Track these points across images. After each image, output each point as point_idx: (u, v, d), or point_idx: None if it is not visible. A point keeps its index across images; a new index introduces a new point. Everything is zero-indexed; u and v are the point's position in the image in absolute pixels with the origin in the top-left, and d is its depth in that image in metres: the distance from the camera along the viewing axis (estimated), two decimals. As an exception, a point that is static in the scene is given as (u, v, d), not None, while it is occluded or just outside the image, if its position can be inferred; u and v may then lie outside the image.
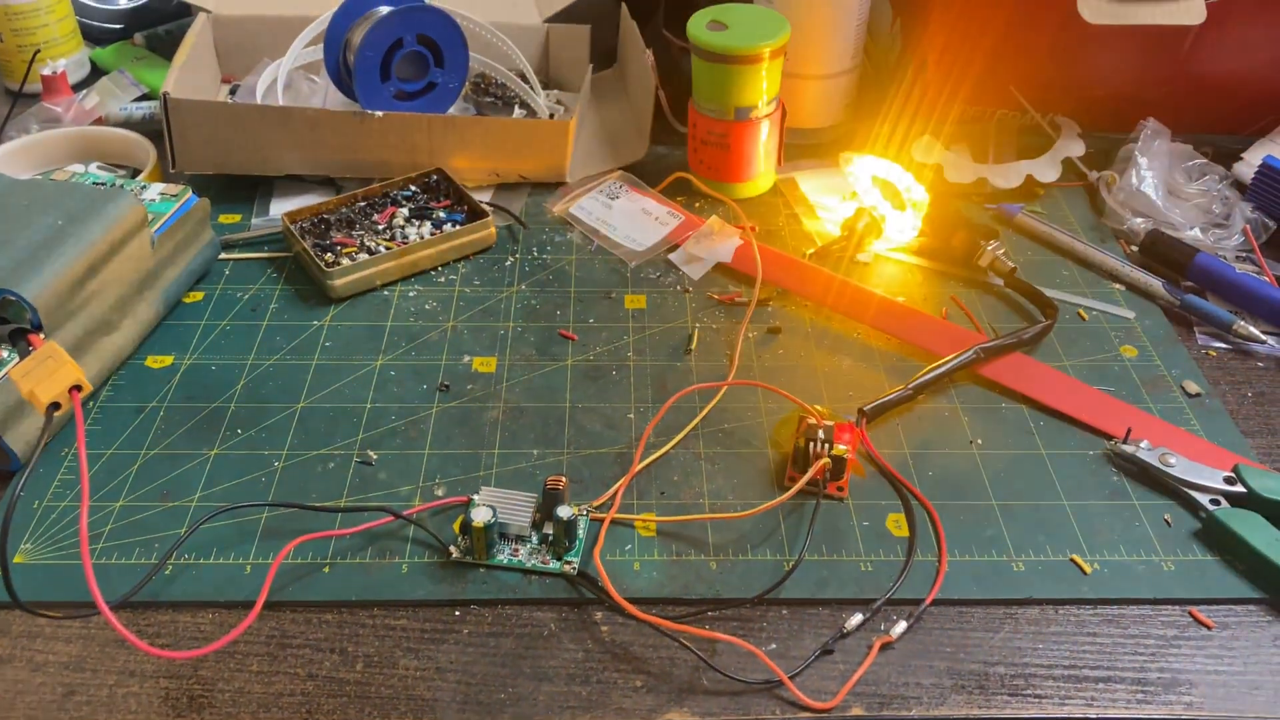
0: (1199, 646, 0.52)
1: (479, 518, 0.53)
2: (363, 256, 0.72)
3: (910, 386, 0.64)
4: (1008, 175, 0.82)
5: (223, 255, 0.76)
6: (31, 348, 0.51)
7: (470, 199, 0.78)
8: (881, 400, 0.63)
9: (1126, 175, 0.80)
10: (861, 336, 0.70)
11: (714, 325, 0.71)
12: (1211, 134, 0.87)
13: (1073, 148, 0.84)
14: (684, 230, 0.78)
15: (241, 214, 0.80)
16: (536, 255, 0.77)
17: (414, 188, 0.80)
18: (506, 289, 0.74)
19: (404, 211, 0.77)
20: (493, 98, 0.89)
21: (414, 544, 0.56)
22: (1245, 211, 0.78)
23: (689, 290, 0.74)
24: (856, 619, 0.52)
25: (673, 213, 0.80)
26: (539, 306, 0.72)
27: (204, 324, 0.70)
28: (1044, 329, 0.69)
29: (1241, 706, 0.49)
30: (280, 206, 0.80)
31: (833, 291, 0.73)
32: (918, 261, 0.77)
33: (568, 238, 0.79)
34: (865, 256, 0.77)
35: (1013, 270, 0.73)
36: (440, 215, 0.77)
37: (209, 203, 0.73)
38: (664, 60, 0.89)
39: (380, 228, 0.76)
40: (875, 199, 0.78)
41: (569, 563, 0.54)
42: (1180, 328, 0.72)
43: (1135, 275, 0.75)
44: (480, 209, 0.77)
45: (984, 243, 0.74)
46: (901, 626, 0.52)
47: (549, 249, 0.78)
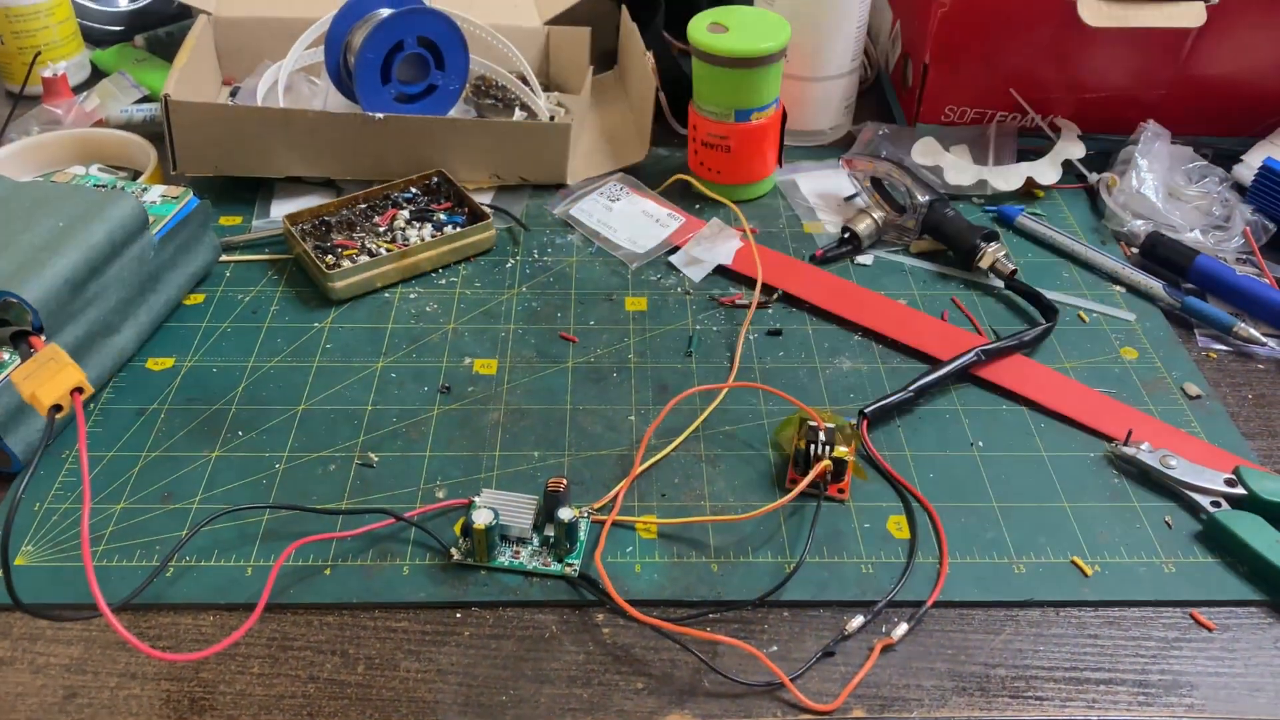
0: (1200, 648, 0.52)
1: (480, 520, 0.53)
2: (363, 259, 0.72)
3: (911, 388, 0.64)
4: (1008, 177, 0.82)
5: (223, 257, 0.76)
6: (33, 350, 0.51)
7: (471, 201, 0.78)
8: (882, 402, 0.63)
9: (1126, 177, 0.80)
10: (862, 338, 0.70)
11: (714, 327, 0.71)
12: (1211, 136, 0.87)
13: (1073, 150, 0.84)
14: (685, 232, 0.78)
15: (242, 216, 0.80)
16: (537, 257, 0.77)
17: (415, 190, 0.80)
18: (507, 291, 0.74)
19: (405, 214, 0.77)
20: (493, 100, 0.89)
21: (415, 546, 0.56)
22: (1245, 213, 0.78)
23: (690, 292, 0.74)
24: (858, 621, 0.52)
25: (673, 215, 0.80)
26: (540, 309, 0.72)
27: (205, 326, 0.70)
28: (1044, 331, 0.69)
29: (1242, 708, 0.49)
30: (281, 208, 0.80)
31: (833, 293, 0.73)
32: (918, 264, 0.77)
33: (568, 240, 0.79)
34: (866, 259, 0.77)
35: (1013, 272, 0.73)
36: (441, 217, 0.77)
37: (210, 205, 0.73)
38: (664, 62, 0.90)
39: (381, 230, 0.76)
40: (875, 201, 0.78)
41: (570, 565, 0.54)
42: (1181, 330, 0.72)
43: (1136, 277, 0.75)
44: (481, 211, 0.77)
45: (984, 245, 0.74)
46: (903, 628, 0.52)
47: (550, 251, 0.78)
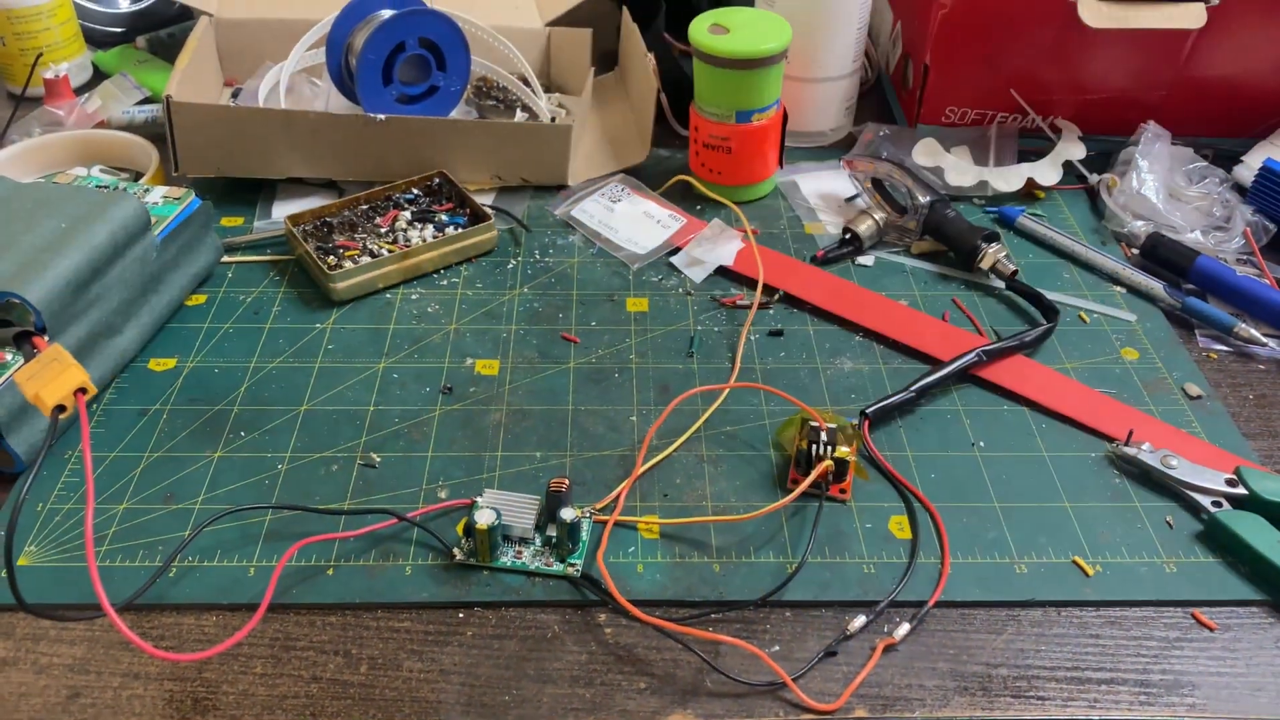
0: (1201, 648, 0.52)
1: (482, 520, 0.53)
2: (365, 259, 0.73)
3: (912, 389, 0.64)
4: (1008, 178, 0.82)
5: (225, 258, 0.76)
6: (36, 350, 0.51)
7: (472, 202, 0.78)
8: (883, 402, 0.63)
9: (1127, 178, 0.80)
10: (863, 339, 0.70)
11: (716, 328, 0.71)
12: (1212, 137, 0.87)
13: (1073, 151, 0.84)
14: (686, 233, 0.78)
15: (244, 217, 0.80)
16: (539, 258, 0.77)
17: (416, 191, 0.80)
18: (509, 292, 0.74)
19: (406, 214, 0.77)
20: (494, 101, 0.89)
21: (417, 546, 0.56)
22: (1246, 214, 0.78)
23: (691, 293, 0.74)
24: (860, 621, 0.52)
25: (675, 216, 0.80)
26: (541, 309, 0.72)
27: (207, 327, 0.70)
28: (1045, 331, 0.69)
29: (1244, 708, 0.49)
30: (283, 209, 0.81)
31: (834, 294, 0.73)
32: (919, 264, 0.77)
33: (570, 241, 0.79)
34: (867, 259, 0.77)
35: (1014, 273, 0.73)
36: (442, 218, 0.77)
37: (212, 206, 0.73)
38: (665, 63, 0.90)
39: (383, 231, 0.76)
40: (876, 202, 0.78)
41: (572, 565, 0.54)
42: (1181, 330, 0.72)
43: (1136, 278, 0.75)
44: (482, 212, 0.77)
45: (985, 245, 0.74)
46: (904, 628, 0.52)
47: (551, 252, 0.78)
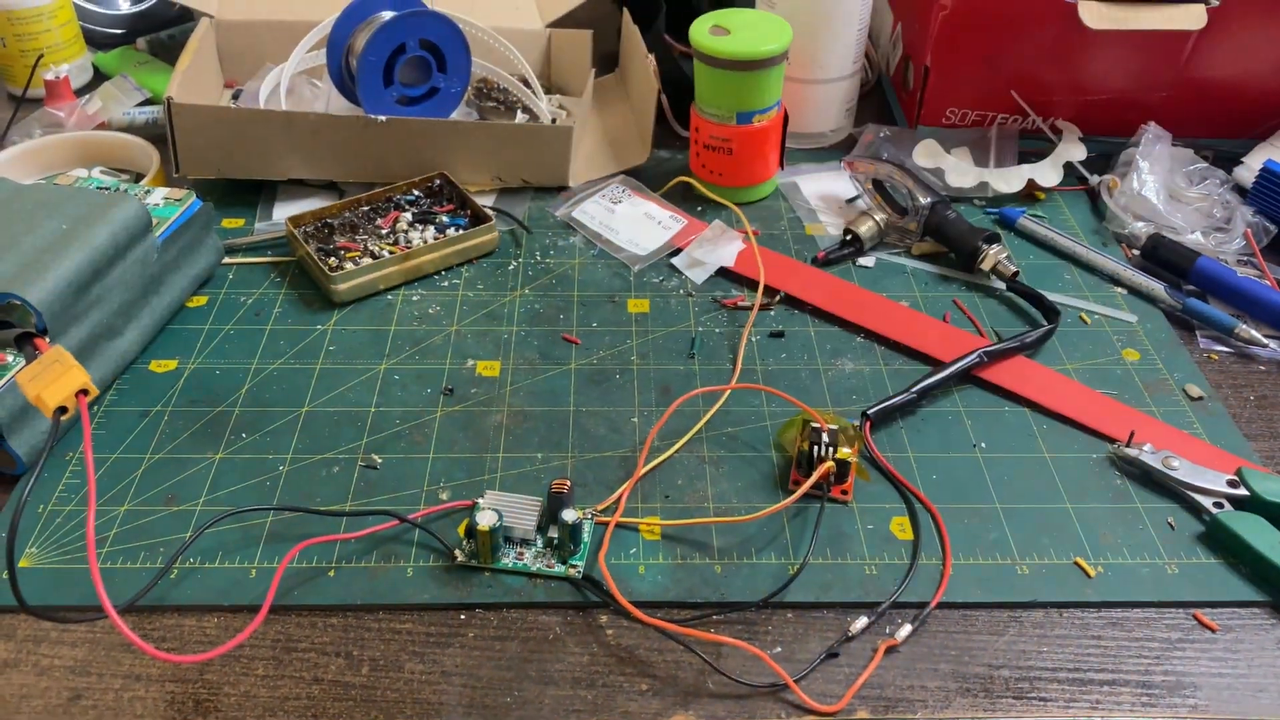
0: (1203, 649, 0.52)
1: (484, 521, 0.53)
2: (366, 261, 0.73)
3: (913, 390, 0.64)
4: (1009, 179, 0.82)
5: (226, 260, 0.76)
6: (37, 352, 0.51)
7: (473, 203, 0.78)
8: (885, 404, 0.63)
9: (1128, 179, 0.80)
10: (864, 340, 0.70)
11: (717, 329, 0.71)
12: (1212, 138, 0.87)
13: (1074, 152, 0.84)
14: (687, 234, 0.78)
15: (245, 218, 0.80)
16: (539, 259, 0.77)
17: (417, 192, 0.80)
18: (510, 293, 0.74)
19: (407, 216, 0.77)
20: (495, 102, 0.89)
21: (419, 548, 0.56)
22: (1246, 215, 0.78)
23: (692, 294, 0.74)
24: (861, 622, 0.52)
25: (675, 217, 0.80)
26: (542, 310, 0.72)
27: (208, 328, 0.70)
28: (1046, 333, 0.69)
29: (1246, 709, 0.49)
30: (283, 211, 0.81)
31: (835, 295, 0.73)
32: (920, 265, 0.77)
33: (570, 242, 0.79)
34: (868, 260, 0.77)
35: (1015, 274, 0.73)
36: (443, 219, 0.77)
37: (212, 207, 0.73)
38: (666, 65, 0.90)
39: (384, 232, 0.76)
40: (877, 203, 0.78)
41: (574, 566, 0.54)
42: (1182, 331, 0.72)
43: (1137, 279, 0.75)
44: (483, 213, 0.77)
45: (986, 247, 0.74)
46: (906, 630, 0.52)
47: (552, 253, 0.78)
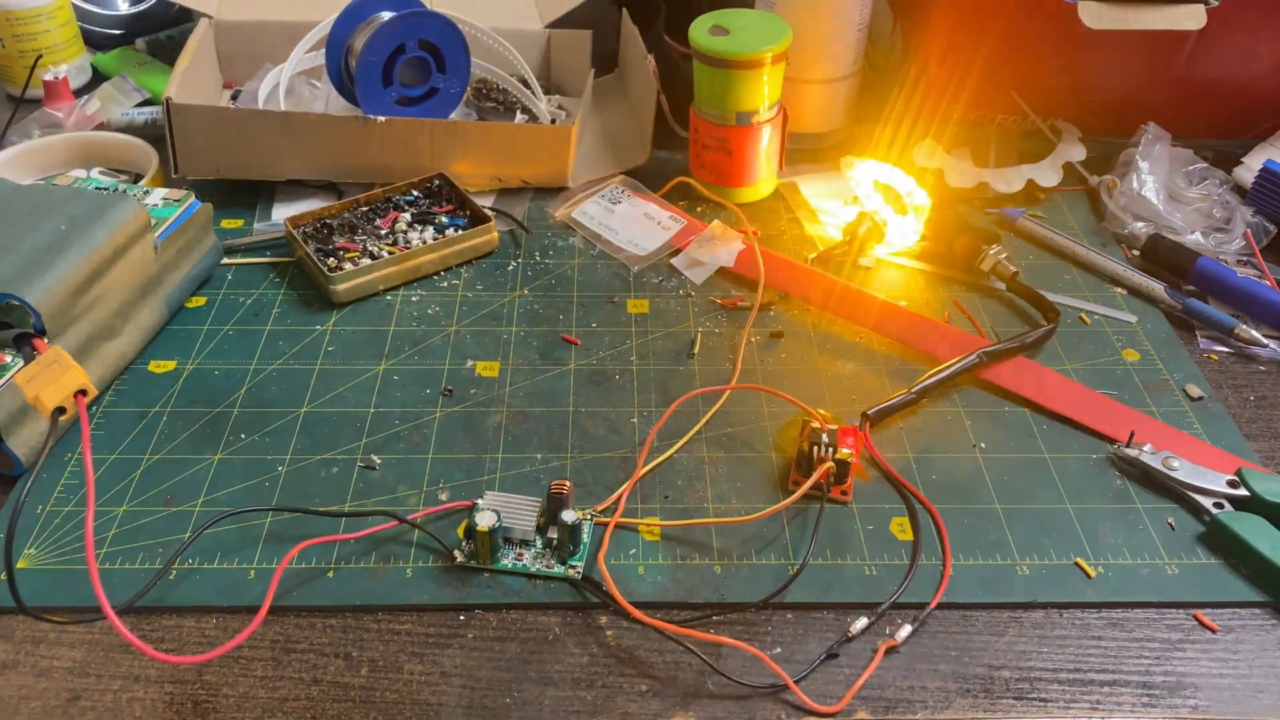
0: (1204, 650, 0.52)
1: (483, 522, 0.53)
2: (365, 261, 0.72)
3: (913, 390, 0.64)
4: (1009, 180, 0.82)
5: (225, 260, 0.76)
6: (36, 352, 0.51)
7: (472, 204, 0.78)
8: (885, 404, 0.63)
9: (1127, 180, 0.80)
10: (864, 340, 0.70)
11: (717, 329, 0.71)
12: (1212, 138, 0.87)
13: (1073, 152, 0.84)
14: (686, 235, 0.78)
15: (244, 219, 0.80)
16: (539, 260, 0.77)
17: (416, 193, 0.80)
18: (509, 294, 0.74)
19: (406, 216, 0.77)
20: (494, 103, 0.89)
21: (418, 549, 0.56)
22: (1246, 215, 0.78)
23: (691, 295, 0.74)
24: (861, 623, 0.52)
25: (675, 217, 0.80)
26: (542, 311, 0.72)
27: (207, 329, 0.70)
28: (1046, 333, 0.69)
29: (1246, 710, 0.49)
30: (282, 211, 0.80)
31: (835, 296, 0.73)
32: (920, 266, 0.77)
33: (570, 242, 0.79)
34: (867, 261, 0.77)
35: (1015, 274, 0.73)
36: (442, 220, 0.77)
37: (211, 208, 0.73)
38: (666, 65, 0.90)
39: (383, 232, 0.76)
40: (877, 203, 0.78)
41: (573, 567, 0.54)
42: (1182, 331, 0.72)
43: (1137, 279, 0.75)
44: (482, 214, 0.77)
45: (986, 247, 0.74)
46: (906, 630, 0.52)
47: (551, 254, 0.78)
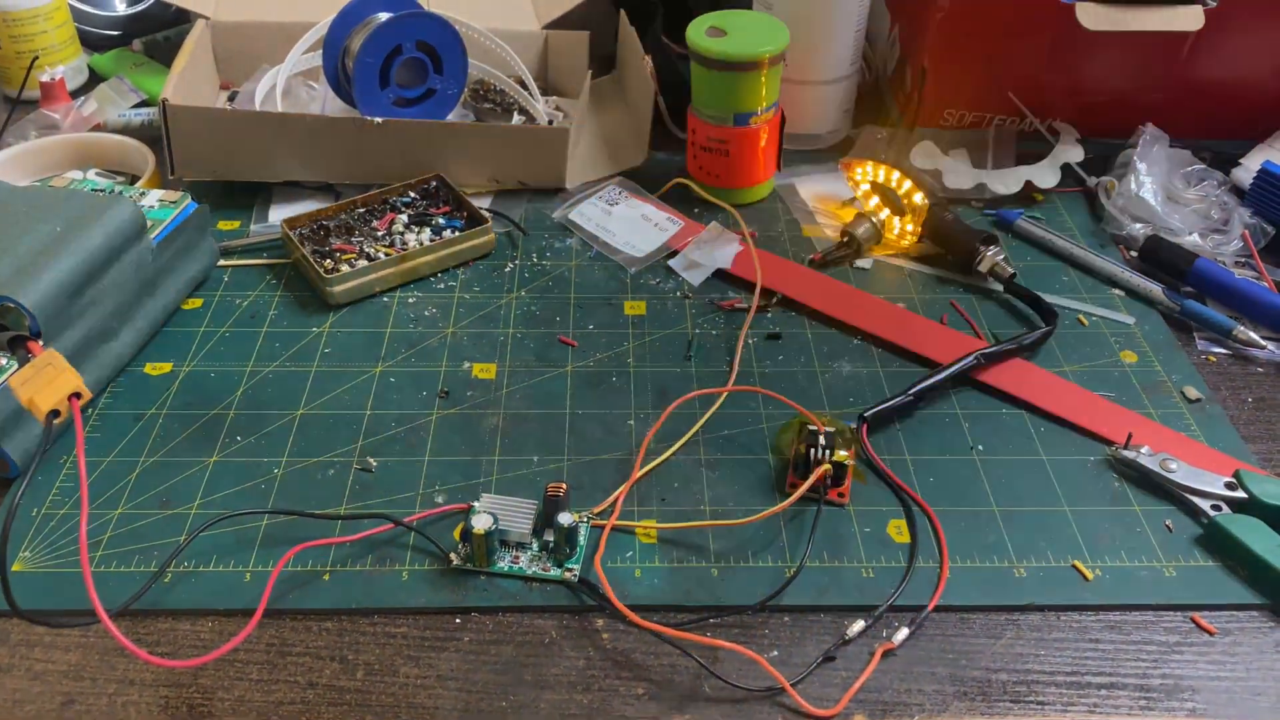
0: (1201, 652, 0.52)
1: (479, 525, 0.53)
2: (362, 263, 0.72)
3: (910, 392, 0.64)
4: (1007, 181, 0.82)
5: (221, 262, 0.76)
6: (30, 355, 0.51)
7: (469, 205, 0.78)
8: (882, 406, 0.63)
9: (1125, 181, 0.80)
10: (861, 342, 0.70)
11: (714, 331, 0.71)
12: (1210, 139, 0.87)
13: (1071, 153, 0.84)
14: (683, 236, 0.78)
15: (240, 220, 0.80)
16: (536, 261, 0.77)
17: (413, 194, 0.80)
18: (506, 295, 0.74)
19: (403, 218, 0.77)
20: (492, 104, 0.89)
21: (414, 551, 0.55)
22: (1244, 217, 0.78)
23: (689, 296, 0.74)
24: (858, 626, 0.52)
25: (672, 219, 0.80)
26: (539, 313, 0.72)
27: (203, 331, 0.70)
28: (1044, 334, 0.69)
29: (1244, 712, 0.49)
30: (279, 213, 0.80)
31: (832, 297, 0.73)
32: (917, 267, 0.77)
33: (567, 244, 0.79)
34: (865, 262, 0.77)
35: (1012, 276, 0.73)
36: (439, 222, 0.77)
37: (208, 209, 0.73)
38: (663, 66, 0.89)
39: (379, 234, 0.76)
40: (875, 205, 0.78)
41: (570, 570, 0.54)
42: (1180, 333, 0.72)
43: (1135, 281, 0.75)
44: (480, 215, 0.77)
45: (983, 248, 0.74)
46: (903, 633, 0.52)
47: (548, 255, 0.78)
